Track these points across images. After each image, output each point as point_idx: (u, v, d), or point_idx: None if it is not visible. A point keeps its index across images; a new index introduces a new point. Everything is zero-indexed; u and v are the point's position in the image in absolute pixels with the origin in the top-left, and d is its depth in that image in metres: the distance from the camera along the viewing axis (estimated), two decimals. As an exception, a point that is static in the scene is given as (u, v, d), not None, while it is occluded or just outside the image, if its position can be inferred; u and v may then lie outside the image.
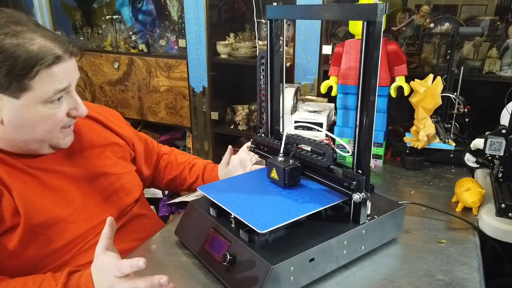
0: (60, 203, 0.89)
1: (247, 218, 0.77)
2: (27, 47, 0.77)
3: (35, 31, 0.80)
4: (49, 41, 0.81)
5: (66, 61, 0.83)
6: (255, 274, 0.71)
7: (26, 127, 0.82)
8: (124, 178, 1.04)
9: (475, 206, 1.03)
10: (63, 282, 0.73)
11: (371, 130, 0.78)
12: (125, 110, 2.34)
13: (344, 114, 1.34)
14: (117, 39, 2.37)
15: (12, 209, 0.82)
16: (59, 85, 0.82)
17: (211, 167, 1.24)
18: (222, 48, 2.06)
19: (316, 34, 1.74)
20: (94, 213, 0.94)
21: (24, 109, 0.80)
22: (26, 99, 0.79)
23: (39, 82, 0.79)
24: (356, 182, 0.79)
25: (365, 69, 0.75)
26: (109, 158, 1.02)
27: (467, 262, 0.85)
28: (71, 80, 0.85)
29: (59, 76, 0.81)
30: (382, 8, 0.70)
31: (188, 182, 1.23)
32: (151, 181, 1.26)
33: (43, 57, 0.78)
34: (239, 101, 2.23)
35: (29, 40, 0.78)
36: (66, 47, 0.83)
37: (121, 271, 0.69)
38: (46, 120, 0.83)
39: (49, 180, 0.89)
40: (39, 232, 0.84)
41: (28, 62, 0.77)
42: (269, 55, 0.98)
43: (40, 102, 0.81)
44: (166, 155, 1.27)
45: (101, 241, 0.75)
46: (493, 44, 1.65)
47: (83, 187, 0.94)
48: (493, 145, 1.04)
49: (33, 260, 0.85)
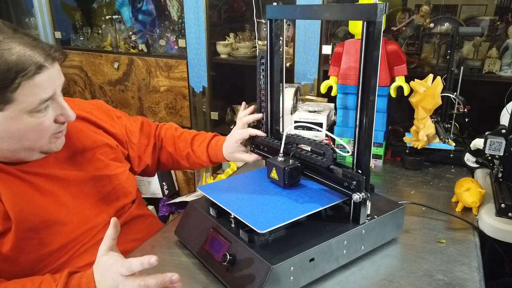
0: (51, 207, 0.87)
1: (247, 218, 0.77)
2: (6, 58, 0.73)
3: (13, 38, 0.76)
4: (28, 48, 0.76)
5: (48, 69, 0.79)
6: (255, 274, 0.71)
7: (14, 137, 0.80)
8: (117, 179, 1.02)
9: (475, 206, 1.03)
10: (64, 283, 0.72)
11: (371, 130, 0.78)
12: (125, 110, 2.34)
13: (344, 114, 1.34)
14: (117, 39, 2.37)
15: (2, 214, 0.80)
16: (44, 94, 0.79)
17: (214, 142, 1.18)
18: (222, 48, 2.06)
19: (316, 34, 1.74)
20: (89, 215, 0.94)
21: (9, 121, 0.77)
22: (10, 111, 0.76)
23: (22, 94, 0.76)
24: (356, 182, 0.79)
25: (365, 69, 0.75)
26: (101, 160, 1.00)
27: (467, 262, 0.85)
28: (56, 87, 0.82)
29: (43, 85, 0.78)
30: (382, 8, 0.70)
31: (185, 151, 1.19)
32: (158, 164, 1.23)
33: (23, 67, 0.74)
34: (239, 101, 2.21)
35: (7, 50, 0.74)
36: (47, 52, 0.79)
37: (130, 269, 0.68)
38: (34, 130, 0.81)
39: (40, 184, 0.87)
40: (31, 236, 0.83)
41: (8, 74, 0.73)
42: (269, 55, 0.98)
43: (26, 112, 0.78)
44: (165, 130, 1.24)
45: (104, 242, 0.74)
46: (493, 44, 1.65)
47: (75, 190, 0.93)
48: (493, 145, 1.04)
49: (28, 264, 0.84)
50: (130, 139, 1.14)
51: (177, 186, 2.39)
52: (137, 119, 1.21)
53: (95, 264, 0.73)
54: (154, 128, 1.23)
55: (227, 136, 1.14)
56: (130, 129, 1.15)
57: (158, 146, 1.22)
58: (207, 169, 2.26)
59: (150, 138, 1.20)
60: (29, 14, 2.65)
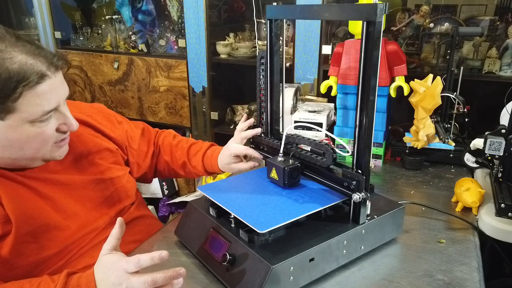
0: (51, 211, 0.87)
1: (247, 218, 0.77)
2: (7, 67, 0.72)
3: (15, 46, 0.75)
4: (31, 57, 0.75)
5: (51, 78, 0.77)
6: (255, 274, 0.71)
7: (14, 146, 0.79)
8: (118, 182, 1.02)
9: (474, 206, 1.03)
10: (63, 283, 0.72)
11: (371, 130, 0.78)
12: (125, 110, 2.34)
13: (344, 114, 1.34)
14: (117, 39, 2.36)
15: (2, 217, 0.80)
16: (47, 106, 0.78)
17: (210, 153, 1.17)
18: (222, 48, 2.06)
19: (316, 34, 1.74)
20: (89, 219, 0.93)
21: (10, 130, 0.76)
22: (11, 120, 0.75)
23: (24, 104, 0.74)
24: (356, 182, 0.79)
25: (365, 69, 0.75)
26: (101, 164, 1.00)
27: (467, 262, 0.86)
28: (60, 98, 0.81)
29: (46, 96, 0.77)
30: (382, 8, 0.70)
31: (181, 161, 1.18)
32: (155, 171, 1.23)
33: (25, 76, 0.73)
34: (239, 101, 2.23)
35: (8, 59, 0.73)
36: (50, 61, 0.78)
37: (138, 265, 0.68)
38: (35, 139, 0.80)
39: (40, 188, 0.87)
40: (30, 240, 0.83)
41: (9, 83, 0.72)
42: (269, 55, 0.98)
43: (27, 122, 0.77)
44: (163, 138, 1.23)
45: (109, 241, 0.74)
46: (493, 44, 1.65)
47: (75, 194, 0.93)
48: (492, 145, 1.04)
49: (26, 268, 0.84)
50: (131, 144, 1.13)
51: (177, 186, 2.39)
52: (138, 125, 1.20)
53: (97, 264, 0.73)
54: (153, 134, 1.22)
55: (223, 147, 1.12)
56: (131, 135, 1.14)
57: (156, 154, 1.21)
58: (207, 169, 2.26)
59: (150, 145, 1.19)
60: (29, 14, 2.64)
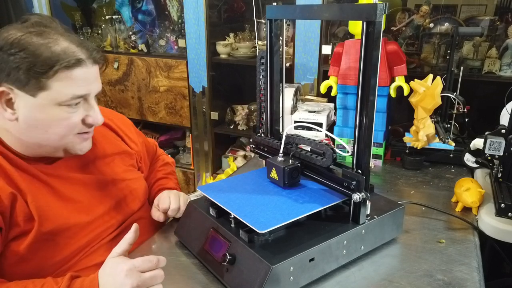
0: (71, 211, 0.88)
1: (246, 218, 0.77)
2: (51, 47, 0.77)
3: (62, 34, 0.81)
4: (74, 45, 0.81)
5: (87, 67, 0.82)
6: (255, 274, 0.71)
7: (40, 127, 0.81)
8: (133, 184, 1.04)
9: (474, 206, 1.03)
10: (66, 286, 0.73)
11: (370, 130, 0.78)
12: (125, 110, 2.34)
13: (344, 114, 1.34)
14: (117, 39, 2.37)
15: (25, 215, 0.81)
16: (77, 91, 0.81)
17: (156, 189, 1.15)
18: (221, 48, 2.06)
19: (316, 34, 1.75)
20: (100, 220, 0.94)
21: (39, 108, 0.79)
22: (42, 98, 0.78)
23: (56, 83, 0.78)
24: (355, 182, 0.79)
25: (365, 69, 0.75)
26: (119, 166, 1.02)
27: (467, 262, 0.86)
28: (91, 89, 0.84)
29: (78, 81, 0.81)
30: (382, 8, 0.70)
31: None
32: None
33: (64, 58, 0.78)
34: (238, 101, 2.23)
35: (54, 41, 0.78)
36: (90, 53, 0.83)
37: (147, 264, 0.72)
38: (59, 123, 0.82)
39: (62, 188, 0.88)
40: (49, 239, 0.84)
41: (49, 61, 0.77)
42: (268, 55, 0.98)
43: (56, 103, 0.80)
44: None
45: (121, 245, 0.76)
46: (493, 44, 1.65)
47: (94, 193, 0.94)
48: (492, 145, 1.04)
49: (39, 266, 0.84)
50: (144, 158, 1.16)
51: (177, 186, 2.39)
52: (152, 142, 1.23)
53: (102, 267, 0.74)
54: (153, 156, 1.25)
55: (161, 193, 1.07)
56: (148, 149, 1.18)
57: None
58: (207, 169, 2.26)
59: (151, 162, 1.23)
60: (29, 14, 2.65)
